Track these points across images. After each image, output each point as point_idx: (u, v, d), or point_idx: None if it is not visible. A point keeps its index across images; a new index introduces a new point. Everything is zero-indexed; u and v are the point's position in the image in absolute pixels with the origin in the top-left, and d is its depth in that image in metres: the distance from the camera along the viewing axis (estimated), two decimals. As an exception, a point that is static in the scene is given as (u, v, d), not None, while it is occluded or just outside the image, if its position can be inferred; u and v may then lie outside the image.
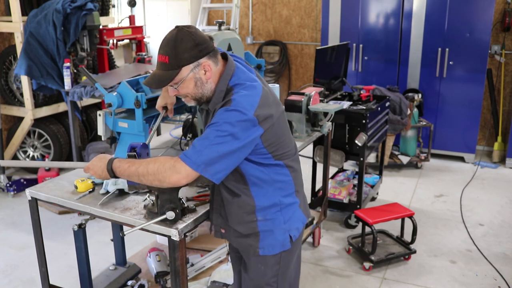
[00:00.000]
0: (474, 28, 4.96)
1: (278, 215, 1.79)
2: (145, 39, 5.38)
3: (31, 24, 4.15)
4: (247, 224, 1.79)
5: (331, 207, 3.92)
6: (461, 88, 5.18)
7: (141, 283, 2.71)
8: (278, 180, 1.78)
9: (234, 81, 1.69)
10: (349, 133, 3.70)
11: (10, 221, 3.97)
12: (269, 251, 1.80)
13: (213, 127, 1.58)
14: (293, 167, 1.83)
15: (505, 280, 3.14)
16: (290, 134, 1.86)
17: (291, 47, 6.78)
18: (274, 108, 1.71)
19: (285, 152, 1.78)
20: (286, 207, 1.81)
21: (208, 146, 1.57)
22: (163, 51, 1.64)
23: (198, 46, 1.63)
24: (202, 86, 1.69)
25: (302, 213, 1.88)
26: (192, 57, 1.63)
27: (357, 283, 3.14)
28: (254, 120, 1.60)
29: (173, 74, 1.65)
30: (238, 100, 1.60)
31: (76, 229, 2.37)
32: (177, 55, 1.62)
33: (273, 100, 1.74)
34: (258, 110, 1.61)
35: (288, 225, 1.81)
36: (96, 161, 1.76)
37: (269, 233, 1.79)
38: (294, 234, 1.83)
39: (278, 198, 1.79)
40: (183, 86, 1.68)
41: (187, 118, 2.65)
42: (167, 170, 1.59)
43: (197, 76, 1.67)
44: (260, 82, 1.73)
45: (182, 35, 1.62)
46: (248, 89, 1.65)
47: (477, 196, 4.50)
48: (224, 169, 1.61)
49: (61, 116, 4.90)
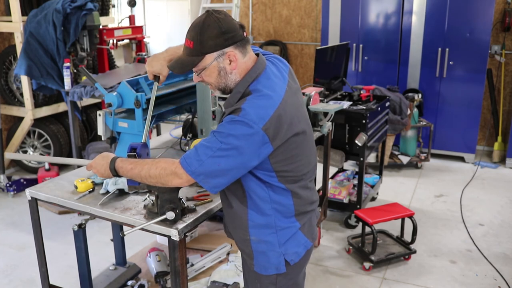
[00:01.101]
0: (474, 28, 4.96)
1: (273, 238, 1.67)
2: (145, 39, 5.38)
3: (31, 24, 4.15)
4: (241, 239, 1.73)
5: (331, 207, 3.93)
6: (461, 88, 5.18)
7: (141, 283, 2.71)
8: (276, 201, 1.65)
9: (255, 85, 1.57)
10: (349, 133, 3.70)
11: (10, 221, 3.97)
12: (261, 270, 1.72)
13: (218, 136, 1.49)
14: (298, 194, 1.67)
15: (505, 280, 3.14)
16: (311, 157, 1.71)
17: (291, 47, 6.78)
18: (291, 125, 1.55)
19: (296, 176, 1.65)
20: (283, 230, 1.67)
21: (211, 157, 1.49)
22: (189, 35, 1.57)
23: (224, 34, 1.53)
24: (226, 76, 1.59)
25: (305, 236, 1.72)
26: (217, 45, 1.54)
27: (357, 283, 3.14)
28: (263, 135, 1.48)
29: (195, 60, 1.57)
30: (247, 111, 1.48)
31: (76, 229, 2.37)
32: (202, 42, 1.54)
33: (293, 115, 1.57)
34: (268, 125, 1.48)
35: (284, 248, 1.68)
36: (99, 160, 1.76)
37: (262, 254, 1.70)
38: (292, 258, 1.69)
39: (274, 219, 1.66)
40: (206, 74, 1.60)
41: (187, 118, 2.65)
42: (169, 175, 1.58)
43: (221, 65, 1.57)
44: (283, 93, 1.58)
45: (209, 21, 1.53)
46: (262, 99, 1.52)
47: (477, 196, 4.50)
48: (223, 183, 1.55)
49: (61, 116, 4.90)
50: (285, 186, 1.63)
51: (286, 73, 1.71)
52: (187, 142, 2.58)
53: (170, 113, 2.69)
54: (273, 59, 1.74)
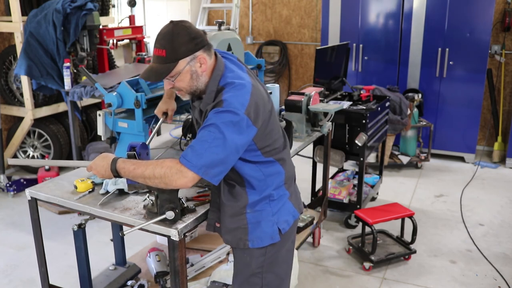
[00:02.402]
0: (474, 28, 4.96)
1: (267, 207, 1.83)
2: (145, 39, 5.38)
3: (31, 24, 4.15)
4: (237, 217, 1.82)
5: (331, 207, 3.92)
6: (461, 88, 5.18)
7: (141, 283, 2.71)
8: (269, 173, 1.81)
9: (224, 80, 1.71)
10: (349, 133, 3.70)
11: (10, 221, 3.97)
12: (258, 243, 1.83)
13: (210, 128, 1.60)
14: (283, 159, 1.87)
15: (505, 280, 3.14)
16: (279, 128, 1.88)
17: (291, 47, 6.78)
18: (264, 105, 1.73)
19: (275, 148, 1.82)
20: (275, 200, 1.84)
21: (208, 148, 1.58)
22: (160, 44, 1.67)
23: (194, 39, 1.67)
24: (197, 79, 1.72)
25: (293, 206, 1.91)
26: (189, 50, 1.67)
27: (357, 283, 3.14)
28: (247, 119, 1.62)
29: (170, 67, 1.67)
30: (229, 101, 1.62)
31: (76, 229, 2.37)
32: (174, 48, 1.65)
33: (263, 95, 1.76)
34: (249, 109, 1.63)
35: (277, 217, 1.84)
36: (99, 161, 1.76)
37: (256, 225, 1.82)
38: (283, 226, 1.85)
39: (269, 191, 1.82)
40: (179, 79, 1.71)
41: (187, 118, 2.65)
42: (174, 175, 1.61)
43: (193, 69, 1.70)
44: (250, 79, 1.74)
45: (178, 29, 1.65)
46: (237, 88, 1.66)
47: (477, 196, 4.50)
48: (223, 171, 1.64)
49: (61, 116, 4.90)
50: (272, 158, 1.81)
51: (238, 61, 1.87)
52: (187, 142, 2.58)
53: (170, 113, 2.69)
54: (223, 54, 1.88)
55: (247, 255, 1.87)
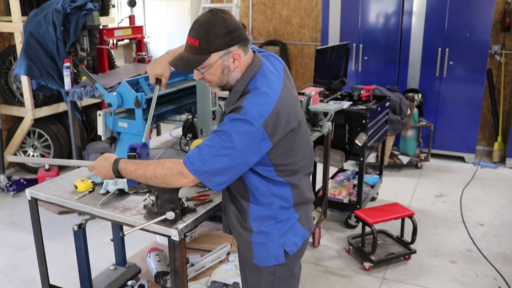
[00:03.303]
0: (474, 28, 4.96)
1: (273, 229, 1.72)
2: (145, 39, 5.38)
3: (31, 24, 4.14)
4: (242, 230, 1.76)
5: (331, 207, 3.92)
6: (461, 88, 5.18)
7: (141, 283, 2.71)
8: (276, 194, 1.70)
9: (253, 83, 1.61)
10: (349, 133, 3.70)
11: (10, 221, 3.97)
12: (261, 262, 1.76)
13: (221, 135, 1.52)
14: (296, 185, 1.72)
15: (505, 280, 3.14)
16: (305, 150, 1.75)
17: (291, 47, 6.78)
18: (289, 121, 1.60)
19: (293, 169, 1.70)
20: (282, 221, 1.73)
21: (214, 155, 1.51)
22: (194, 33, 1.57)
23: (231, 33, 1.56)
24: (228, 74, 1.62)
25: (302, 227, 1.78)
26: (224, 44, 1.56)
27: (357, 283, 3.14)
28: (262, 132, 1.51)
29: (201, 58, 1.58)
30: (248, 108, 1.52)
31: (76, 229, 2.37)
32: (209, 40, 1.55)
33: (290, 111, 1.62)
34: (268, 121, 1.52)
35: (283, 239, 1.73)
36: (101, 161, 1.75)
37: (262, 245, 1.74)
38: (291, 249, 1.75)
39: (274, 211, 1.71)
40: (209, 72, 1.62)
41: (187, 118, 2.65)
42: (175, 175, 1.58)
43: (225, 63, 1.60)
44: (280, 90, 1.62)
45: (215, 20, 1.54)
46: (260, 97, 1.56)
47: (477, 196, 4.50)
48: (226, 181, 1.58)
49: (61, 116, 4.90)
50: (283, 180, 1.69)
51: (281, 70, 1.75)
52: (187, 142, 2.58)
53: (170, 113, 2.69)
54: (269, 56, 1.78)
55: (256, 272, 1.80)
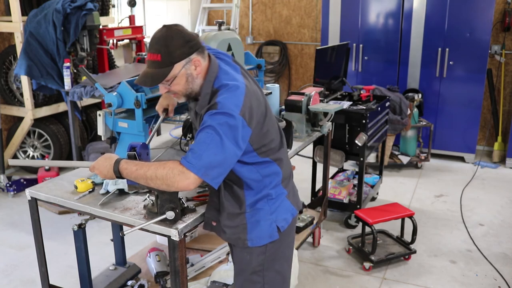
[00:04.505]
0: (474, 28, 4.96)
1: (265, 205, 1.84)
2: (145, 39, 5.38)
3: (31, 24, 4.14)
4: (236, 216, 1.84)
5: (331, 207, 3.92)
6: (461, 88, 5.18)
7: (141, 283, 2.71)
8: (267, 174, 1.82)
9: (218, 82, 1.71)
10: (349, 133, 3.70)
11: (10, 221, 3.97)
12: (257, 242, 1.84)
13: (207, 130, 1.60)
14: (280, 159, 1.87)
15: (505, 280, 3.14)
16: (276, 128, 1.88)
17: (291, 47, 6.78)
18: (259, 106, 1.74)
19: (271, 148, 1.82)
20: (274, 198, 1.86)
21: (206, 149, 1.58)
22: (154, 49, 1.67)
23: (188, 42, 1.67)
24: (192, 82, 1.72)
25: (291, 204, 1.92)
26: (184, 54, 1.67)
27: (357, 283, 3.14)
28: (242, 120, 1.62)
29: (166, 71, 1.67)
30: (223, 103, 1.63)
31: (76, 229, 2.37)
32: (170, 53, 1.65)
33: (257, 97, 1.76)
34: (244, 109, 1.64)
35: (275, 215, 1.85)
36: (102, 161, 1.76)
37: (255, 224, 1.83)
38: (282, 224, 1.87)
39: (266, 190, 1.84)
40: (175, 83, 1.71)
41: (187, 118, 2.65)
42: (176, 176, 1.60)
43: (189, 72, 1.70)
44: (243, 80, 1.75)
45: (172, 33, 1.65)
46: (231, 90, 1.67)
47: (477, 196, 4.50)
48: (222, 173, 1.64)
49: (61, 116, 4.90)
50: (268, 158, 1.82)
51: (232, 62, 1.87)
52: (187, 142, 2.58)
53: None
54: (218, 54, 1.88)
55: (247, 253, 1.88)
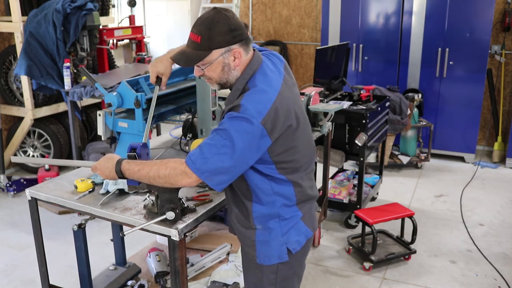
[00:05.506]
0: (474, 28, 4.96)
1: (276, 226, 1.73)
2: (145, 39, 5.38)
3: (31, 24, 4.14)
4: (245, 230, 1.77)
5: (331, 207, 3.93)
6: (461, 88, 5.18)
7: (141, 283, 2.71)
8: (278, 192, 1.70)
9: (252, 82, 1.63)
10: (349, 133, 3.70)
11: (10, 221, 3.97)
12: (265, 261, 1.76)
13: (221, 133, 1.53)
14: (298, 183, 1.73)
15: (505, 280, 3.14)
16: (309, 148, 1.77)
17: (291, 47, 6.78)
18: (288, 118, 1.61)
19: (294, 167, 1.70)
20: (285, 220, 1.74)
21: (215, 154, 1.52)
22: (197, 30, 1.60)
23: (232, 31, 1.59)
24: (228, 72, 1.64)
25: (306, 225, 1.78)
26: (225, 42, 1.59)
27: (357, 283, 3.14)
28: (262, 129, 1.52)
29: (202, 55, 1.60)
30: (246, 106, 1.53)
31: (76, 229, 2.37)
32: (210, 37, 1.58)
33: (289, 108, 1.63)
34: (266, 118, 1.53)
35: (287, 237, 1.74)
36: (104, 162, 1.75)
37: (265, 243, 1.74)
38: (294, 247, 1.75)
39: (277, 209, 1.72)
40: (210, 68, 1.64)
41: (187, 118, 2.64)
42: (178, 175, 1.59)
43: (226, 61, 1.62)
44: (280, 87, 1.63)
45: (218, 18, 1.57)
46: (258, 94, 1.58)
47: (477, 196, 4.50)
48: (227, 180, 1.59)
49: (61, 116, 4.90)
50: (285, 177, 1.69)
51: (281, 68, 1.77)
52: (187, 142, 2.58)
53: (170, 113, 2.69)
54: (269, 54, 1.80)
55: (259, 271, 1.80)
